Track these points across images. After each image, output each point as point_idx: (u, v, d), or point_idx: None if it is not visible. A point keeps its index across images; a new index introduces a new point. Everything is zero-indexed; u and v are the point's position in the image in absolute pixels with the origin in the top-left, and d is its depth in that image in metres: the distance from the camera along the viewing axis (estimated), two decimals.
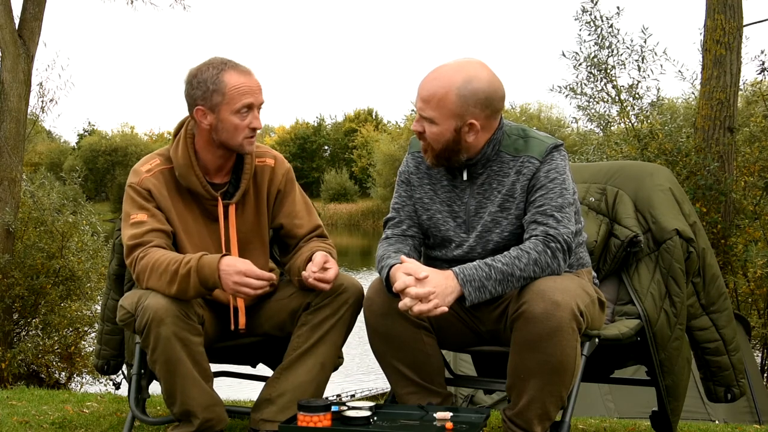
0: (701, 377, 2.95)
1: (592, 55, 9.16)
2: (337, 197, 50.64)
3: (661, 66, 9.06)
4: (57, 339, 9.91)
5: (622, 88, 9.22)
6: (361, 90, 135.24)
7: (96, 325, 9.72)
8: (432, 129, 2.44)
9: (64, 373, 10.20)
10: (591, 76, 9.30)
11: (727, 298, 2.95)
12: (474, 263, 2.34)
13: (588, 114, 9.85)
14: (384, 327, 2.52)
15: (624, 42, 9.06)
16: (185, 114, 2.70)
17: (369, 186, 47.52)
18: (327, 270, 2.60)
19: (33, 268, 9.77)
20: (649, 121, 9.12)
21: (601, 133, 10.57)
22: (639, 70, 9.05)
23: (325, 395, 2.74)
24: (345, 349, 2.80)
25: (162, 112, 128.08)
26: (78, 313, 10.05)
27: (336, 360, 2.73)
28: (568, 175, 2.48)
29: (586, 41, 9.20)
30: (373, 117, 59.12)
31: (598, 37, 9.08)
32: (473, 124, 2.42)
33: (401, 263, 2.37)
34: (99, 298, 9.68)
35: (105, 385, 9.68)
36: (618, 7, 9.00)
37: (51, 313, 9.85)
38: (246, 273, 2.47)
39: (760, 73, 8.49)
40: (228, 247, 2.70)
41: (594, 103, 9.56)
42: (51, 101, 11.38)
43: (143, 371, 2.73)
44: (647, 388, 2.87)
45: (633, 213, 2.86)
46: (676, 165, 8.00)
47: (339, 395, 9.52)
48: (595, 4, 8.99)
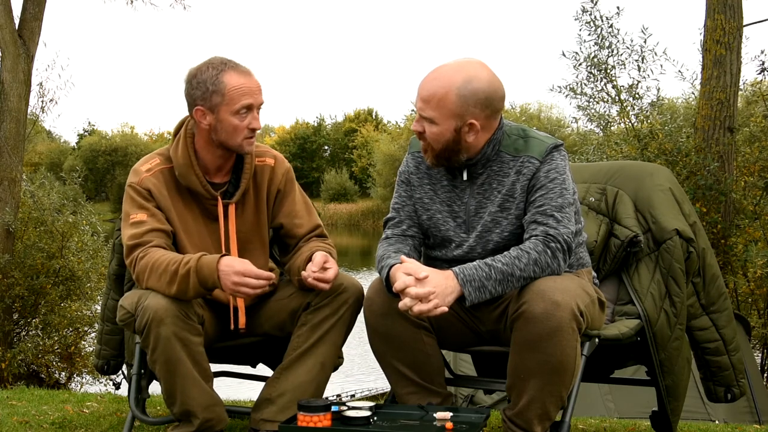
0: (701, 377, 2.95)
1: (592, 55, 9.17)
2: (337, 197, 50.64)
3: (661, 66, 9.09)
4: (57, 339, 9.91)
5: (622, 88, 9.23)
6: (361, 90, 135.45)
7: (96, 325, 9.72)
8: (432, 129, 2.44)
9: (64, 373, 10.20)
10: (591, 76, 9.30)
11: (727, 298, 2.95)
12: (474, 263, 2.34)
13: (588, 114, 9.86)
14: (384, 327, 2.52)
15: (624, 42, 9.07)
16: (185, 114, 2.70)
17: (369, 186, 47.52)
18: (327, 270, 2.60)
19: (33, 268, 9.78)
20: (649, 121, 9.12)
21: (601, 133, 10.57)
22: (639, 70, 9.07)
23: (325, 395, 2.74)
24: (345, 349, 2.79)
25: (162, 112, 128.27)
26: (78, 313, 10.06)
27: (336, 360, 2.72)
28: (568, 175, 2.48)
29: (586, 41, 9.22)
30: (373, 117, 59.11)
31: (598, 37, 9.09)
32: (473, 124, 2.42)
33: (401, 263, 2.37)
34: (99, 298, 9.68)
35: (105, 385, 9.68)
36: (618, 7, 9.02)
37: (51, 313, 9.85)
38: (245, 273, 2.46)
39: (760, 73, 8.50)
40: (228, 247, 2.70)
41: (594, 103, 9.57)
42: (51, 101, 11.41)
43: (143, 371, 2.73)
44: (647, 388, 2.87)
45: (633, 213, 2.86)
46: (676, 165, 8.00)
47: (339, 395, 9.53)
48: (595, 4, 9.00)
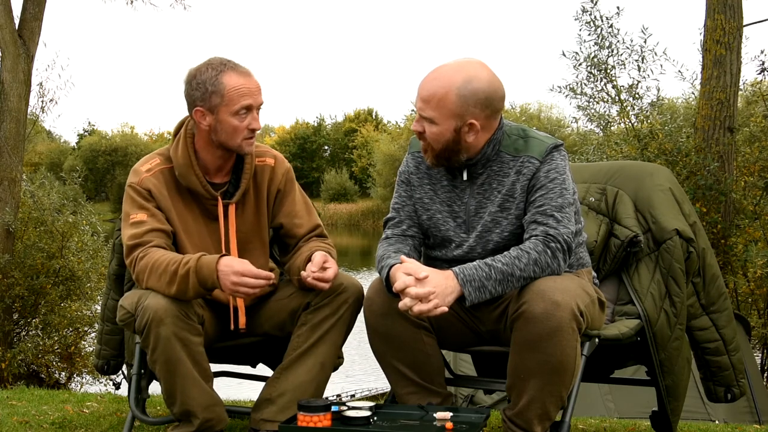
0: (701, 377, 2.95)
1: (592, 55, 9.17)
2: (337, 197, 50.64)
3: (661, 66, 9.09)
4: (57, 339, 9.92)
5: (622, 88, 9.23)
6: (361, 90, 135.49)
7: (96, 325, 9.72)
8: (432, 129, 2.44)
9: (64, 373, 10.20)
10: (591, 76, 9.30)
11: (727, 298, 2.95)
12: (474, 263, 2.34)
13: (588, 114, 9.86)
14: (384, 327, 2.52)
15: (624, 42, 9.07)
16: (185, 114, 2.70)
17: (369, 186, 47.52)
18: (326, 269, 2.60)
19: (33, 268, 9.78)
20: (649, 121, 9.12)
21: (601, 133, 10.57)
22: (639, 70, 9.07)
23: (325, 395, 2.74)
24: (345, 349, 2.79)
25: (162, 112, 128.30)
26: (78, 313, 10.06)
27: (336, 360, 2.72)
28: (568, 175, 2.48)
29: (586, 41, 9.22)
30: (373, 117, 59.11)
31: (598, 37, 9.09)
32: (473, 124, 2.42)
33: (401, 263, 2.37)
34: (99, 298, 9.68)
35: (105, 385, 9.69)
36: (618, 7, 9.02)
37: (51, 313, 9.85)
38: (244, 273, 2.46)
39: (760, 73, 8.50)
40: (228, 247, 2.70)
41: (594, 103, 9.57)
42: (51, 101, 11.42)
43: (143, 371, 2.73)
44: (647, 388, 2.87)
45: (633, 213, 2.86)
46: (676, 165, 8.00)
47: (339, 395, 9.53)
48: (595, 4, 9.00)
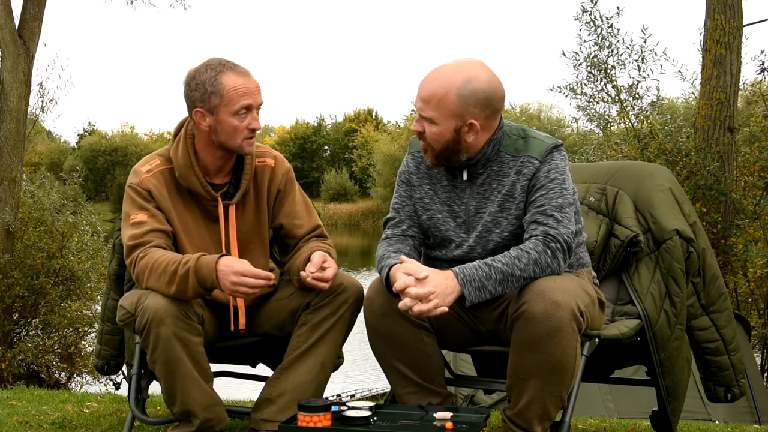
0: (701, 377, 2.95)
1: (592, 55, 9.17)
2: (337, 197, 50.64)
3: (661, 66, 9.08)
4: (57, 339, 9.92)
5: (622, 88, 9.23)
6: (361, 90, 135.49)
7: (96, 325, 9.72)
8: (432, 129, 2.44)
9: (64, 373, 10.20)
10: (591, 76, 9.30)
11: (727, 298, 2.95)
12: (474, 263, 2.34)
13: (588, 114, 9.86)
14: (384, 327, 2.52)
15: (624, 42, 9.07)
16: (185, 114, 2.70)
17: (369, 186, 47.52)
18: (325, 269, 2.60)
19: (33, 268, 9.78)
20: (649, 121, 9.12)
21: (601, 133, 10.57)
22: (639, 70, 9.07)
23: (325, 395, 2.74)
24: (345, 349, 2.79)
25: (162, 112, 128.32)
26: (78, 313, 10.06)
27: (336, 360, 2.72)
28: (568, 175, 2.48)
29: (586, 41, 9.22)
30: (373, 117, 59.11)
31: (598, 37, 9.09)
32: (473, 124, 2.42)
33: (401, 263, 2.37)
34: (99, 298, 9.68)
35: (105, 385, 9.69)
36: (618, 7, 9.02)
37: (51, 313, 9.85)
38: (243, 273, 2.46)
39: (760, 73, 8.50)
40: (228, 248, 2.70)
41: (594, 103, 9.56)
42: (51, 101, 11.42)
43: (143, 371, 2.73)
44: (647, 388, 2.87)
45: (633, 213, 2.86)
46: (676, 165, 8.00)
47: (339, 395, 9.53)
48: (595, 4, 9.00)
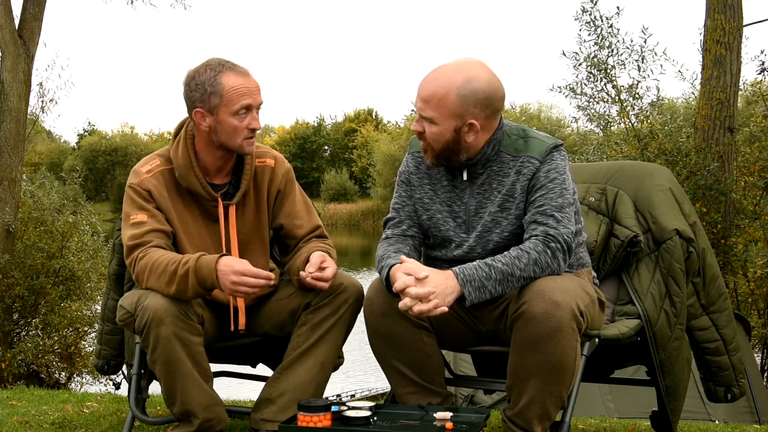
0: (701, 377, 2.95)
1: (592, 55, 9.17)
2: (337, 197, 50.63)
3: (661, 66, 9.08)
4: (57, 339, 9.92)
5: (622, 88, 9.23)
6: (361, 90, 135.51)
7: (96, 325, 9.72)
8: (432, 129, 2.44)
9: (64, 373, 10.20)
10: (591, 76, 9.30)
11: (727, 298, 2.95)
12: (474, 263, 2.34)
13: (588, 114, 9.86)
14: (384, 327, 2.52)
15: (624, 42, 9.07)
16: (185, 114, 2.70)
17: (369, 186, 47.51)
18: (324, 269, 2.60)
19: (33, 268, 9.78)
20: (649, 121, 9.12)
21: (601, 133, 10.57)
22: (639, 70, 9.07)
23: (325, 395, 2.74)
24: (345, 349, 2.79)
25: (162, 112, 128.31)
26: (78, 313, 10.06)
27: (336, 359, 2.72)
28: (568, 175, 2.48)
29: (586, 41, 9.22)
30: (373, 117, 59.11)
31: (598, 37, 9.08)
32: (473, 124, 2.42)
33: (401, 263, 2.37)
34: (99, 298, 9.68)
35: (105, 385, 9.69)
36: (618, 7, 9.02)
37: (51, 313, 9.85)
38: (243, 272, 2.46)
39: (760, 73, 8.50)
40: (228, 248, 2.70)
41: (594, 103, 9.56)
42: (51, 101, 11.42)
43: (143, 371, 2.73)
44: (647, 388, 2.87)
45: (633, 213, 2.86)
46: (676, 165, 8.00)
47: (339, 395, 9.53)
48: (595, 4, 9.00)
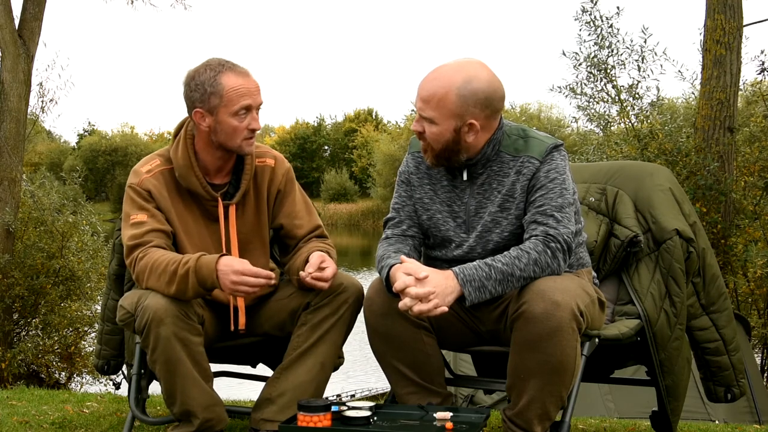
0: (701, 377, 2.95)
1: (592, 55, 9.17)
2: (337, 197, 50.63)
3: (661, 66, 9.09)
4: (57, 339, 9.92)
5: (622, 88, 9.23)
6: (361, 90, 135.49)
7: (96, 325, 9.72)
8: (432, 129, 2.44)
9: (64, 373, 10.20)
10: (591, 76, 9.31)
11: (727, 298, 2.95)
12: (474, 263, 2.34)
13: (588, 114, 9.86)
14: (384, 327, 2.52)
15: (624, 42, 9.07)
16: (185, 114, 2.70)
17: (369, 186, 47.51)
18: (324, 269, 2.60)
19: (33, 268, 9.78)
20: (649, 121, 9.12)
21: (601, 133, 10.57)
22: (639, 70, 9.07)
23: (325, 395, 2.74)
24: (345, 349, 2.79)
25: (162, 112, 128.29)
26: (78, 313, 10.06)
27: (336, 359, 2.72)
28: (568, 175, 2.48)
29: (586, 41, 9.22)
30: (373, 117, 59.11)
31: (598, 37, 9.09)
32: (473, 124, 2.42)
33: (401, 263, 2.37)
34: (99, 298, 9.68)
35: (105, 385, 9.69)
36: (618, 7, 9.02)
37: (51, 313, 9.85)
38: (243, 272, 2.46)
39: (760, 73, 8.50)
40: (228, 248, 2.70)
41: (594, 103, 9.57)
42: (51, 101, 11.42)
43: (143, 371, 2.73)
44: (647, 388, 2.87)
45: (633, 213, 2.86)
46: (676, 165, 8.00)
47: (339, 395, 9.53)
48: (595, 4, 9.00)
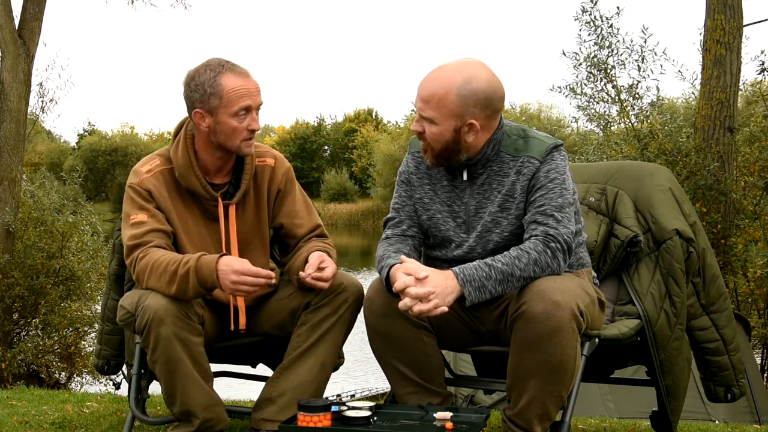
0: (701, 377, 2.95)
1: (592, 55, 9.17)
2: (337, 197, 50.64)
3: (661, 66, 9.10)
4: (57, 339, 9.92)
5: (622, 88, 9.23)
6: (361, 90, 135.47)
7: (96, 325, 9.72)
8: (432, 129, 2.44)
9: (64, 373, 10.20)
10: (591, 76, 9.31)
11: (727, 298, 2.95)
12: (474, 263, 2.34)
13: (588, 114, 9.87)
14: (384, 327, 2.52)
15: (624, 42, 9.08)
16: (185, 114, 2.70)
17: (369, 186, 47.51)
18: (323, 269, 2.60)
19: (33, 268, 9.78)
20: (649, 121, 9.12)
21: (601, 133, 10.58)
22: (639, 70, 9.08)
23: (325, 395, 2.74)
24: (345, 349, 2.80)
25: (162, 112, 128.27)
26: (78, 313, 10.06)
27: (336, 359, 2.72)
28: (568, 175, 2.48)
29: (586, 41, 9.23)
30: (373, 117, 59.11)
31: (598, 37, 9.09)
32: (473, 124, 2.42)
33: (401, 263, 2.37)
34: (99, 298, 9.68)
35: (105, 385, 9.69)
36: (618, 7, 9.03)
37: (51, 313, 9.86)
38: (243, 272, 2.46)
39: (760, 73, 8.51)
40: (228, 248, 2.70)
41: (594, 103, 9.57)
42: (51, 101, 11.43)
43: (143, 371, 2.73)
44: (647, 388, 2.87)
45: (633, 213, 2.86)
46: (676, 165, 8.00)
47: (339, 395, 9.53)
48: (595, 4, 9.01)
